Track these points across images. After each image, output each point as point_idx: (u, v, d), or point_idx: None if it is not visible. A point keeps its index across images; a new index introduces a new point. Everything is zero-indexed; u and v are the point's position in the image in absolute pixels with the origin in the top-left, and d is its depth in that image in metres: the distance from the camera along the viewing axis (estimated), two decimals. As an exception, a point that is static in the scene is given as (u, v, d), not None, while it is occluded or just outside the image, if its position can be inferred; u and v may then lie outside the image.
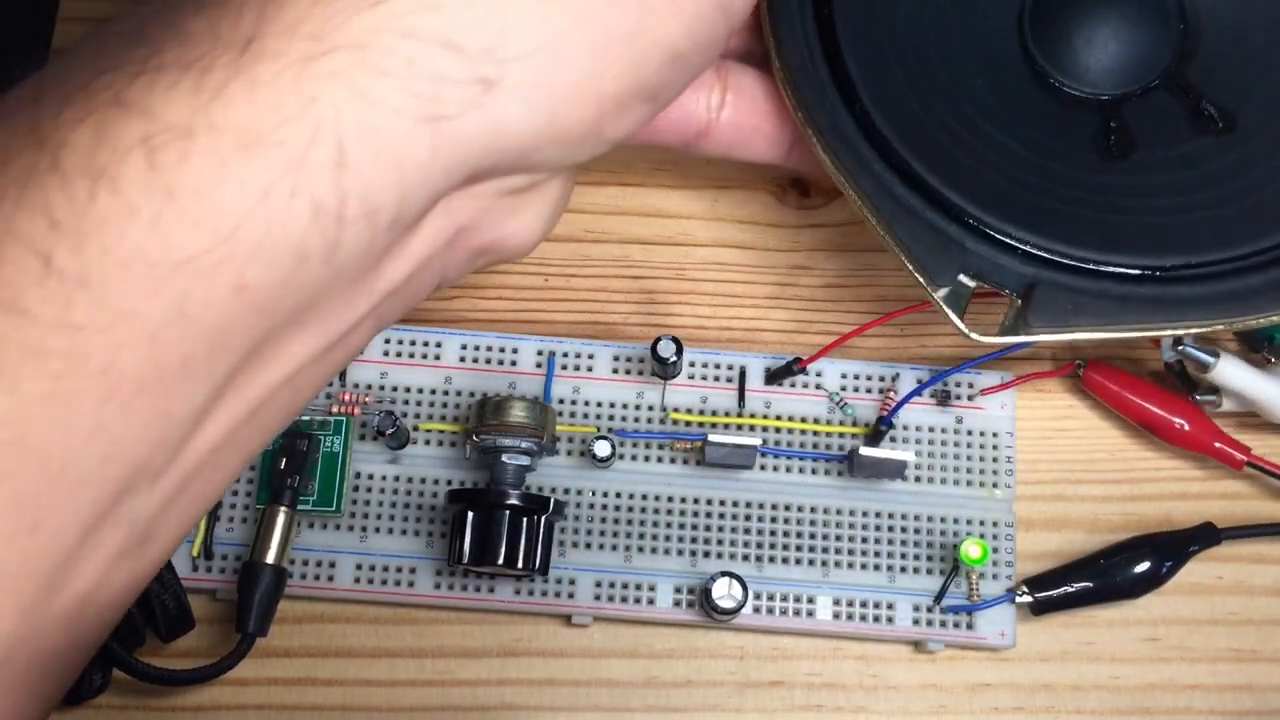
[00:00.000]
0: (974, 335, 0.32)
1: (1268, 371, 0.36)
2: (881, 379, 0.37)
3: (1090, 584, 0.36)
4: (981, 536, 0.36)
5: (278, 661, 0.36)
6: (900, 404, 0.36)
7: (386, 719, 0.35)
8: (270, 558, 0.34)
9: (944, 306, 0.32)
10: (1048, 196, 0.33)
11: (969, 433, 0.37)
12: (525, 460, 0.35)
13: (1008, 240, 0.32)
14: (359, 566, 0.36)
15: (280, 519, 0.35)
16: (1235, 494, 0.38)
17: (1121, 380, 0.37)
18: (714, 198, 0.41)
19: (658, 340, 0.35)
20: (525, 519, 0.34)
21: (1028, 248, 0.32)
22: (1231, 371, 0.36)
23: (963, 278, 0.32)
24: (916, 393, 0.36)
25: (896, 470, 0.35)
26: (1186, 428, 0.36)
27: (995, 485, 0.36)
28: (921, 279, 0.32)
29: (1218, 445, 0.36)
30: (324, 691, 0.36)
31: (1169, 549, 0.36)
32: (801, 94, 0.33)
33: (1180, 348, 0.36)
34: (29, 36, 0.42)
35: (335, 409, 0.36)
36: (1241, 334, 0.37)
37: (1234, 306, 0.31)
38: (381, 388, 0.37)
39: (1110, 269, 0.32)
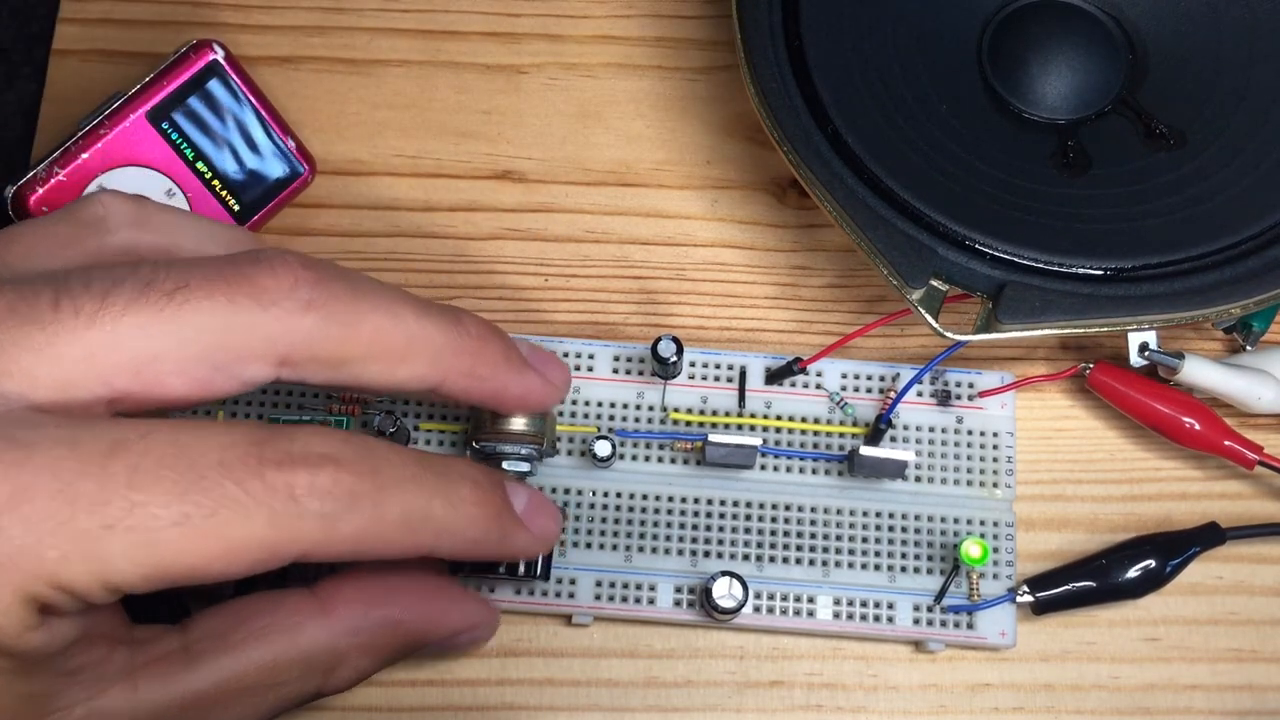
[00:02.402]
0: (948, 334, 0.33)
1: (1233, 367, 0.36)
2: (882, 379, 0.37)
3: (1092, 584, 0.36)
4: (982, 536, 0.35)
5: (278, 661, 0.36)
6: (898, 399, 0.36)
7: (386, 719, 0.35)
8: None
9: (919, 308, 0.34)
10: (1012, 207, 0.35)
11: (969, 432, 0.37)
12: (525, 467, 0.35)
13: (977, 246, 0.34)
14: (359, 566, 0.36)
15: None
16: (1236, 494, 0.38)
17: (1130, 381, 0.37)
18: (714, 198, 0.41)
19: (658, 340, 0.35)
20: None
21: (995, 252, 0.34)
22: (1199, 371, 0.36)
23: (935, 282, 0.34)
24: (913, 383, 0.36)
25: (897, 470, 0.35)
26: (1197, 427, 0.36)
27: (995, 485, 0.36)
28: (896, 283, 0.33)
29: (1228, 444, 0.36)
30: (324, 691, 0.36)
31: (1172, 549, 0.36)
32: (777, 116, 0.35)
33: (1147, 352, 0.36)
34: (29, 37, 0.42)
35: (336, 409, 0.36)
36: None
37: (1193, 301, 0.33)
38: (381, 387, 0.37)
39: (1075, 270, 0.34)
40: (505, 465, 0.34)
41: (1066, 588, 0.35)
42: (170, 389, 0.26)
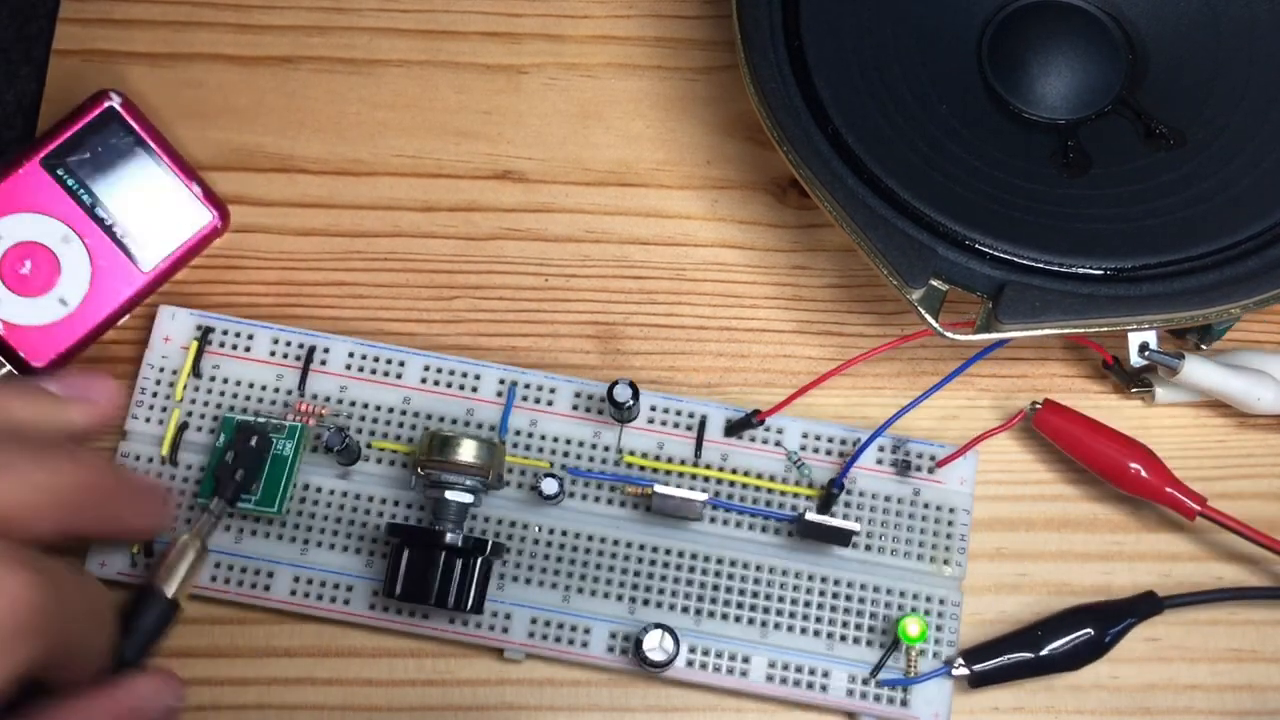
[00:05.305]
0: (949, 334, 0.33)
1: (1233, 368, 0.36)
2: (843, 442, 0.37)
3: (1029, 654, 0.35)
4: (926, 613, 0.35)
5: (277, 661, 0.36)
6: (849, 464, 0.36)
7: (386, 719, 0.35)
8: (170, 590, 0.33)
9: (918, 308, 0.34)
10: (1012, 207, 0.35)
11: (925, 505, 0.36)
12: (469, 498, 0.34)
13: (976, 246, 0.34)
14: (296, 579, 0.35)
15: (190, 554, 0.34)
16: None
17: (1075, 422, 0.36)
18: (714, 198, 0.41)
19: (614, 384, 0.35)
20: (461, 560, 0.33)
21: (995, 253, 0.34)
22: (1199, 371, 0.36)
23: (935, 281, 0.34)
24: (865, 446, 0.35)
25: (842, 539, 0.35)
26: (1143, 474, 0.35)
27: (947, 562, 0.36)
28: (896, 283, 0.34)
29: (1169, 491, 0.35)
30: (324, 691, 0.36)
31: (1109, 618, 0.35)
32: (777, 116, 0.35)
33: (1147, 352, 0.36)
34: (29, 37, 0.42)
35: (291, 417, 0.36)
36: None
37: (1193, 301, 0.33)
38: (340, 401, 0.37)
39: (1074, 270, 0.34)
40: (448, 495, 0.34)
41: (1003, 660, 0.34)
42: None
